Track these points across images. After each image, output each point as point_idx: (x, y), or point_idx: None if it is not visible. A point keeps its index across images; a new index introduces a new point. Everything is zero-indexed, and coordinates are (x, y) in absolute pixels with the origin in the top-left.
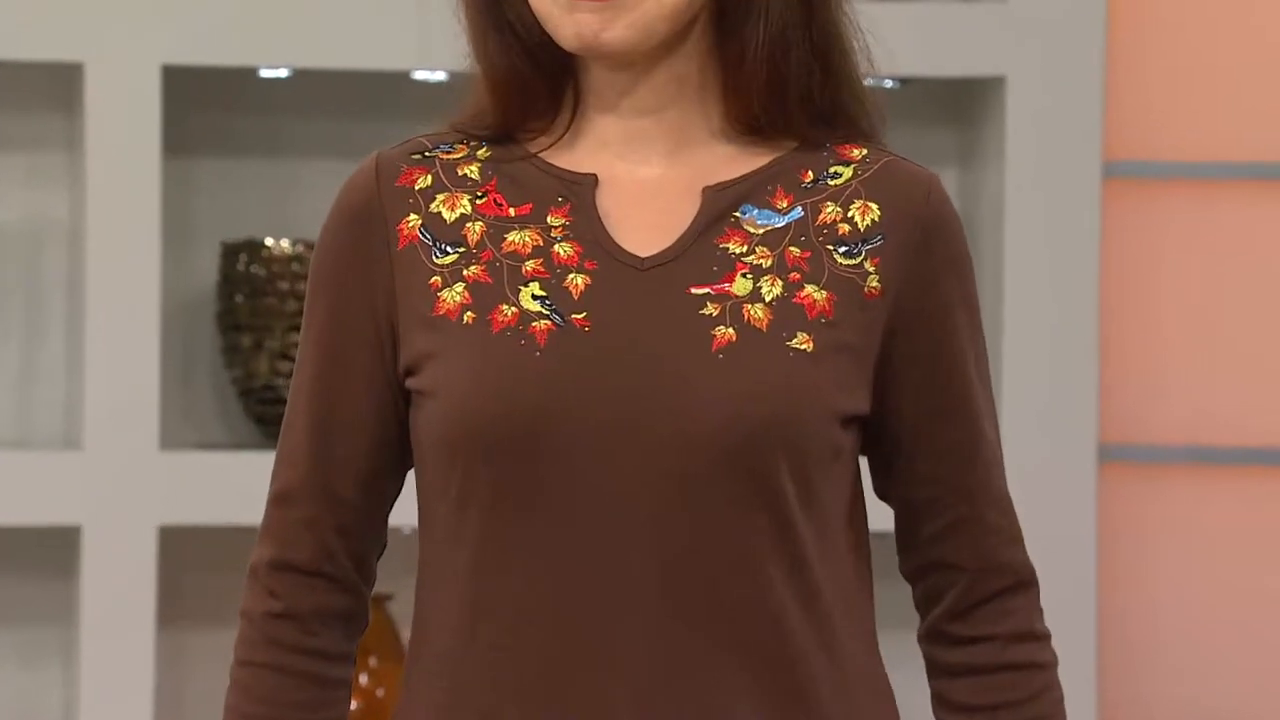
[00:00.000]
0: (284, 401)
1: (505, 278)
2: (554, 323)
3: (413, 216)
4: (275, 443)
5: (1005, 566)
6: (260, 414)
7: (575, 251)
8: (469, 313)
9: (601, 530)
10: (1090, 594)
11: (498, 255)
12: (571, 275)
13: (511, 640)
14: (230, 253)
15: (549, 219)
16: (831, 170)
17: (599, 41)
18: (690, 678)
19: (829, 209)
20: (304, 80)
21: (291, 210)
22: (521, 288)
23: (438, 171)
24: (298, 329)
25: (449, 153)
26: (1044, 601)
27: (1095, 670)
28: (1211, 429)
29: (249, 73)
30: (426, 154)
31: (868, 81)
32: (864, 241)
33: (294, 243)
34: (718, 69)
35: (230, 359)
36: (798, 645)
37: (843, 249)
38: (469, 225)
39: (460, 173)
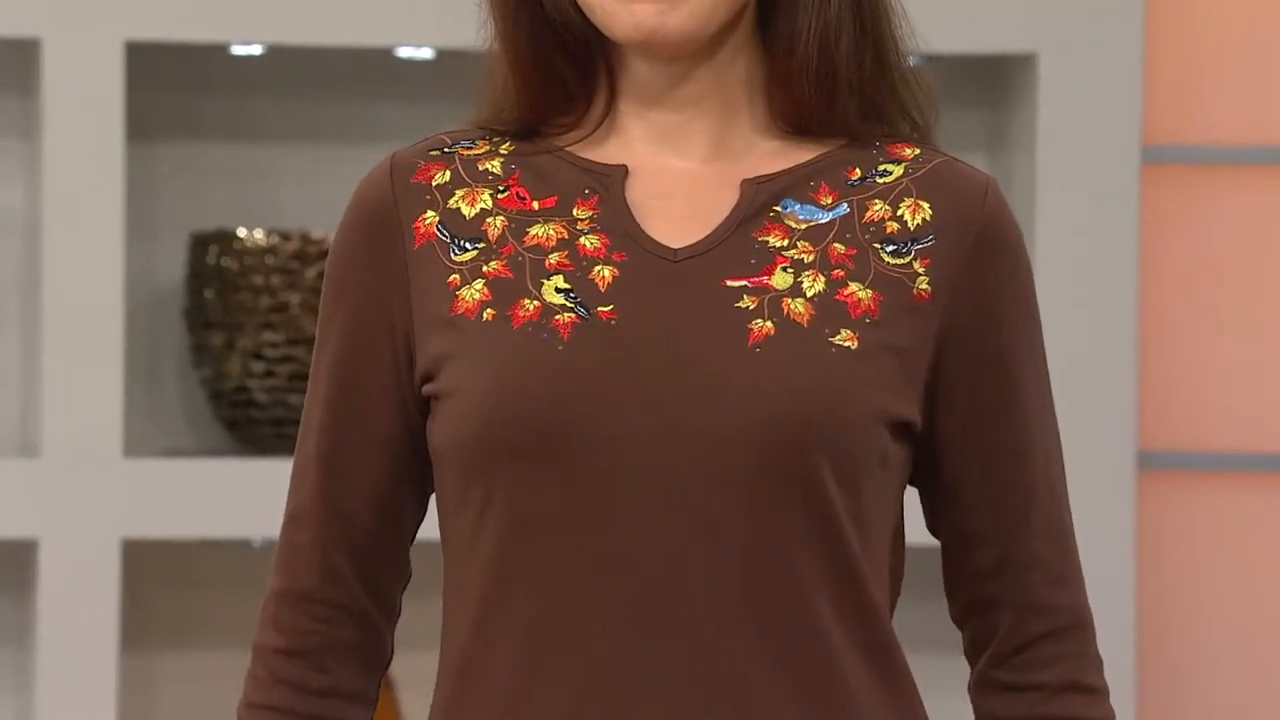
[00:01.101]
0: (257, 404)
1: (527, 272)
2: (578, 315)
3: (429, 213)
4: (248, 449)
5: (1049, 608)
6: (232, 418)
7: (603, 243)
8: (488, 310)
9: (630, 536)
10: (1129, 609)
11: (519, 249)
12: (598, 267)
13: (535, 657)
14: (199, 244)
15: (575, 211)
16: (881, 168)
17: (659, 33)
18: (729, 693)
19: (876, 206)
20: (279, 58)
21: (265, 198)
22: (544, 281)
23: (457, 167)
24: (272, 326)
25: (470, 149)
26: None
27: (1135, 687)
28: (1259, 435)
29: (219, 50)
30: (446, 150)
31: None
32: (914, 241)
33: (268, 233)
34: (764, 60)
35: (199, 359)
36: (842, 660)
37: (890, 248)
38: (489, 220)
39: (481, 168)
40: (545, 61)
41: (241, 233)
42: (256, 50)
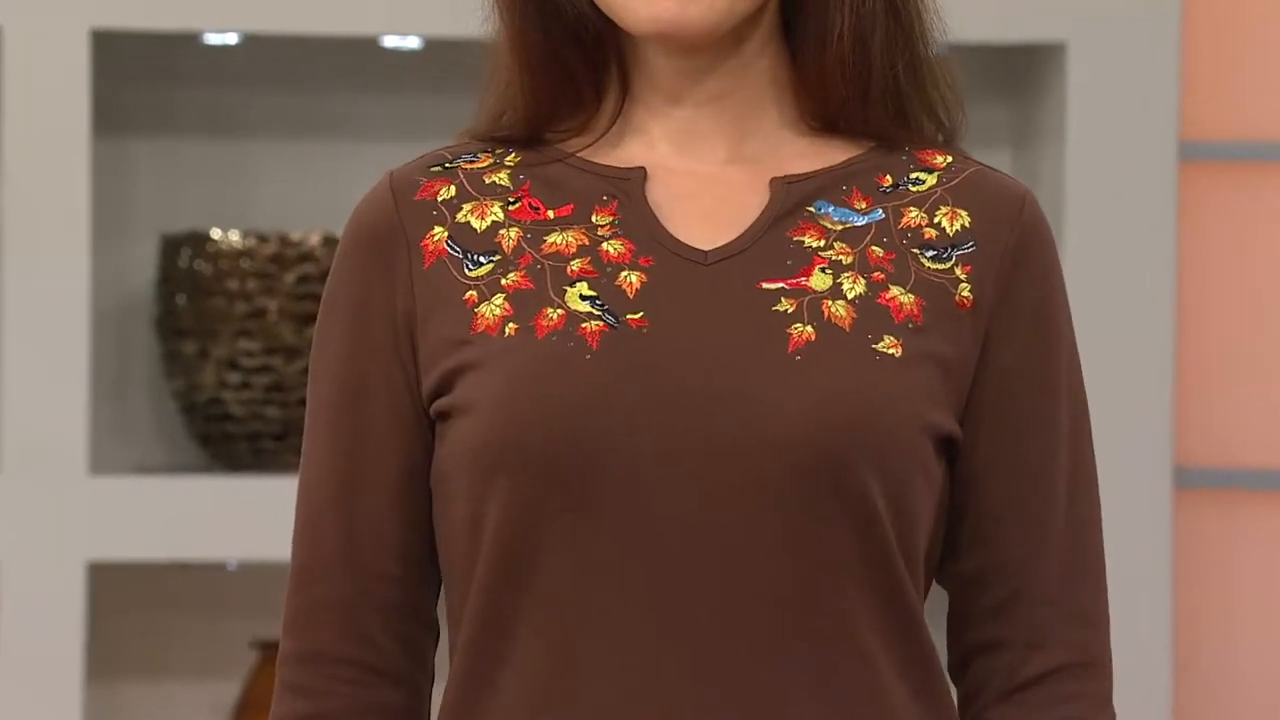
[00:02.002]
0: (233, 418)
1: (548, 280)
2: (606, 323)
3: (437, 229)
4: (222, 465)
5: (1059, 642)
6: (205, 433)
7: (627, 248)
8: (510, 324)
9: (665, 557)
10: (1166, 633)
11: (538, 258)
12: (624, 273)
13: (553, 689)
14: (170, 246)
15: (594, 218)
16: (913, 176)
17: (679, 25)
18: None
19: (912, 213)
20: (256, 47)
21: (242, 197)
22: (567, 288)
23: (461, 181)
24: (248, 334)
25: (472, 162)
26: (1116, 642)
27: (1171, 714)
28: None
29: (192, 38)
30: (447, 165)
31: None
32: (954, 247)
33: (245, 235)
34: (791, 55)
35: (171, 369)
36: (885, 682)
37: (930, 253)
38: (502, 232)
39: (488, 180)
40: (556, 57)
41: (216, 234)
42: (232, 39)
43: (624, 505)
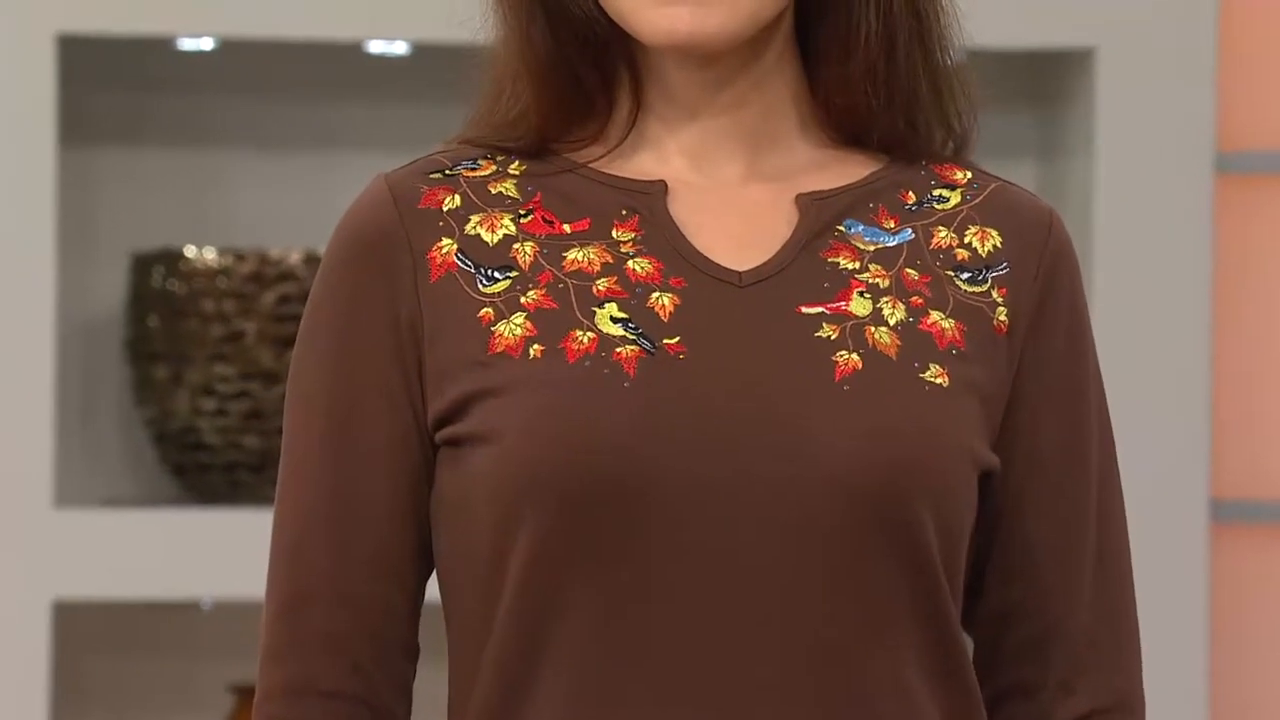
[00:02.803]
0: (208, 447)
1: (574, 299)
2: (642, 348)
3: (445, 241)
4: (197, 498)
5: (1092, 687)
6: (179, 463)
7: (655, 267)
8: (535, 345)
9: (705, 602)
10: (1202, 673)
11: (559, 275)
12: (656, 294)
13: None
14: (142, 265)
15: (614, 234)
16: (935, 193)
17: (696, 37)
18: None
19: (941, 233)
20: (233, 53)
21: (218, 212)
22: (596, 309)
23: (466, 191)
24: (224, 358)
25: (474, 170)
26: (1150, 682)
27: None
28: None
29: (165, 43)
30: (448, 172)
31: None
32: (988, 268)
33: (221, 252)
34: (809, 61)
35: (142, 396)
36: None
37: (965, 275)
38: (517, 247)
39: (494, 191)
40: (565, 64)
41: (190, 252)
42: (207, 44)
43: (662, 547)
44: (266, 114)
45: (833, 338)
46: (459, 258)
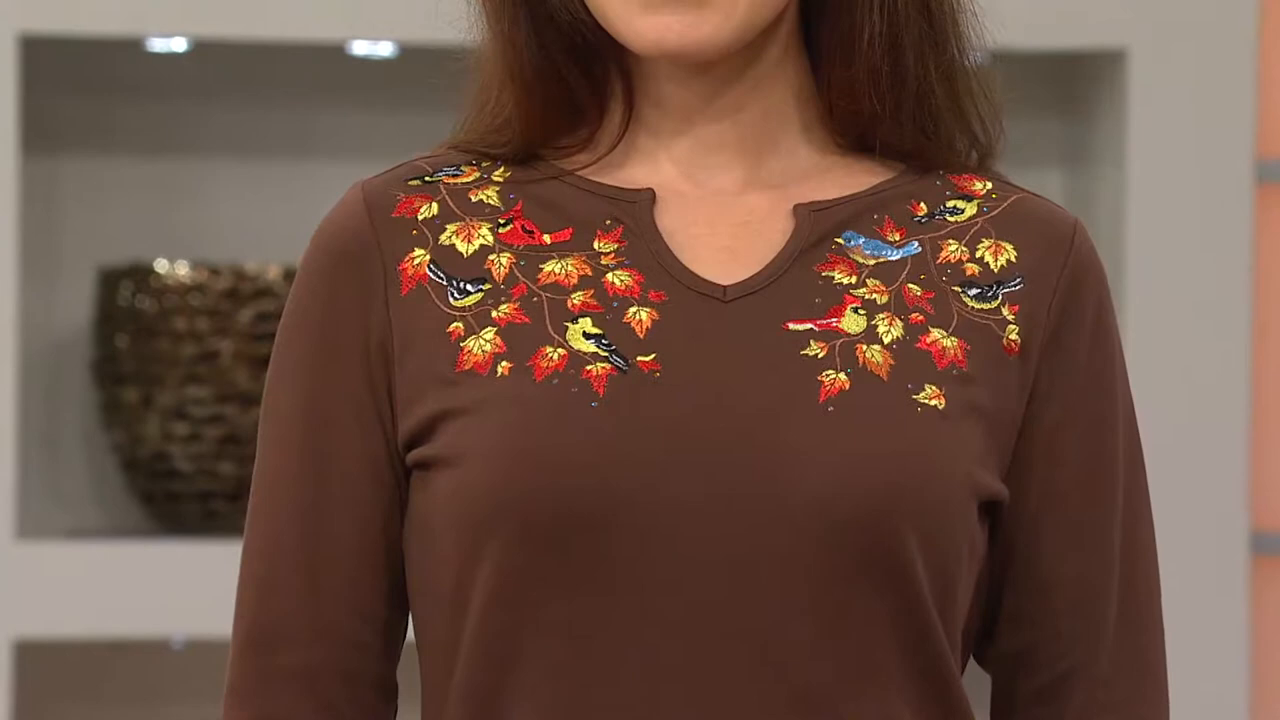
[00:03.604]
0: (180, 475)
1: (547, 314)
2: (614, 366)
3: (418, 251)
4: (168, 529)
5: None
6: (149, 492)
7: (635, 280)
8: (503, 363)
9: (679, 636)
10: (1243, 712)
11: (534, 288)
12: (633, 309)
13: None
14: (109, 280)
15: (596, 245)
16: (950, 205)
17: (685, 46)
18: None
19: (951, 247)
20: (207, 55)
21: (191, 224)
22: (569, 325)
23: (444, 199)
24: (197, 380)
25: (456, 176)
26: (1188, 716)
27: None
28: None
29: (134, 45)
30: (427, 179)
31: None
32: (1000, 284)
33: (194, 267)
34: (814, 63)
35: (110, 420)
36: None
37: (974, 291)
38: (492, 258)
39: (474, 198)
40: (551, 69)
41: (161, 266)
42: (180, 45)
43: (632, 577)
44: (243, 119)
45: (820, 356)
46: (431, 269)
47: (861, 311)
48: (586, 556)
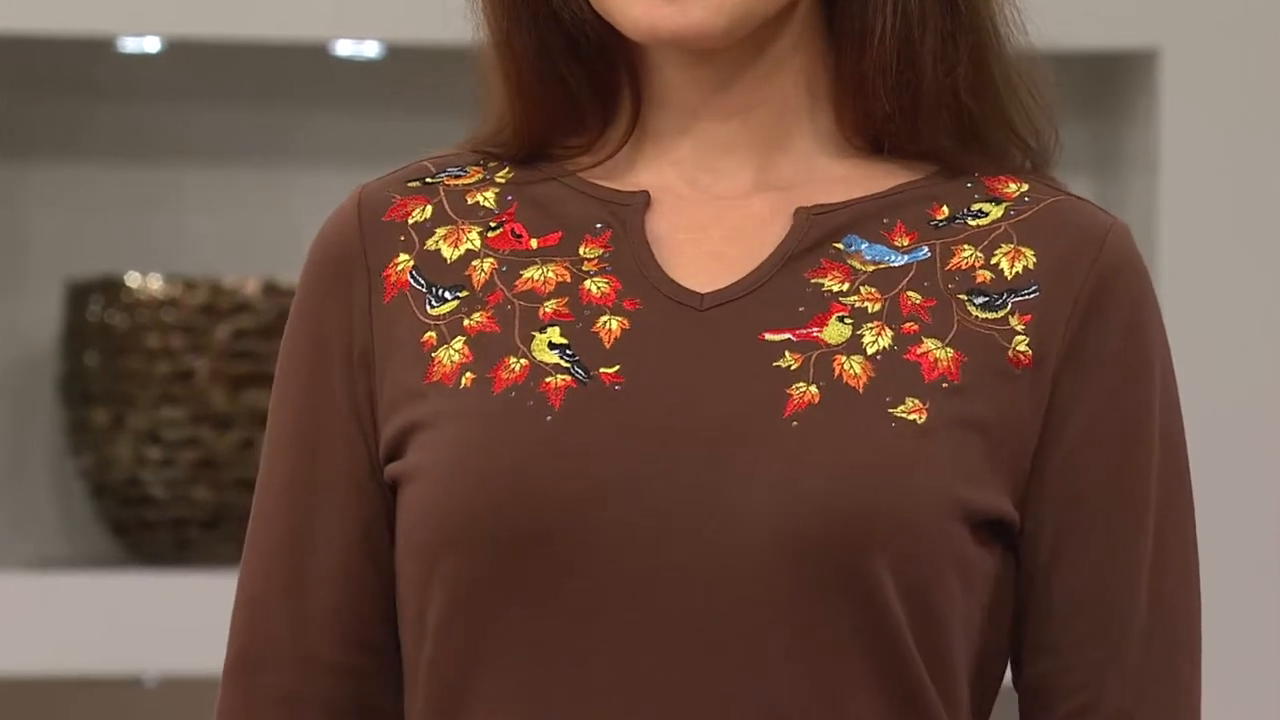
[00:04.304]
0: (154, 502)
1: (516, 323)
2: (574, 378)
3: (402, 257)
4: (140, 558)
5: None
6: (120, 520)
7: (611, 288)
8: (468, 374)
9: (632, 665)
10: None
11: (509, 297)
12: (604, 318)
13: None
14: (78, 294)
15: (582, 250)
16: (975, 208)
17: (679, 32)
18: None
19: (965, 253)
20: (182, 55)
21: (164, 235)
22: (535, 334)
23: (441, 201)
24: (172, 400)
25: (459, 177)
26: None
27: None
28: None
29: (105, 45)
30: (428, 180)
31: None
32: (1011, 292)
33: (167, 279)
34: (829, 58)
35: (78, 442)
36: None
37: (980, 300)
38: (475, 264)
39: (470, 201)
40: (551, 68)
41: (133, 280)
42: (153, 45)
43: (583, 602)
44: (220, 124)
45: (793, 368)
46: (413, 276)
47: (848, 320)
48: (536, 576)
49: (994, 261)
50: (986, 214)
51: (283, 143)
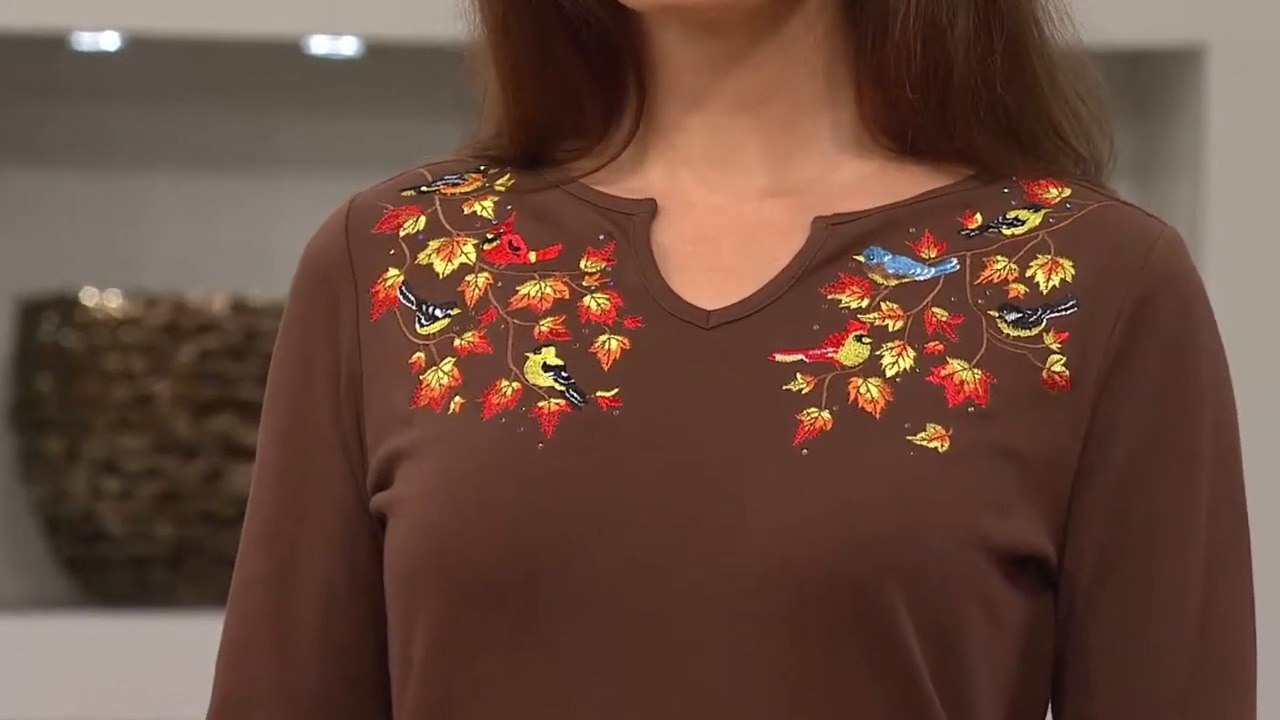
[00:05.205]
0: (110, 539)
1: (510, 344)
2: (569, 402)
3: (392, 272)
4: (97, 599)
5: None
6: (75, 556)
7: (612, 305)
8: (457, 398)
9: (632, 703)
10: None
11: (503, 315)
12: (604, 337)
13: None
14: (30, 313)
15: (583, 264)
16: (1011, 215)
17: (684, 2)
18: None
19: (998, 264)
20: (143, 53)
21: (123, 248)
22: (529, 355)
23: (436, 211)
24: (132, 427)
25: (457, 185)
26: None
27: None
28: None
29: (60, 42)
30: (424, 189)
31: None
32: (1046, 307)
33: (127, 296)
34: (849, 44)
35: (30, 473)
36: None
37: (1013, 316)
38: (469, 279)
39: (467, 210)
40: (550, 57)
41: (89, 297)
42: (112, 42)
43: (573, 646)
44: (184, 127)
45: (804, 391)
46: (403, 292)
47: (866, 340)
48: (522, 618)
49: (1029, 274)
50: (1023, 222)
51: (253, 148)
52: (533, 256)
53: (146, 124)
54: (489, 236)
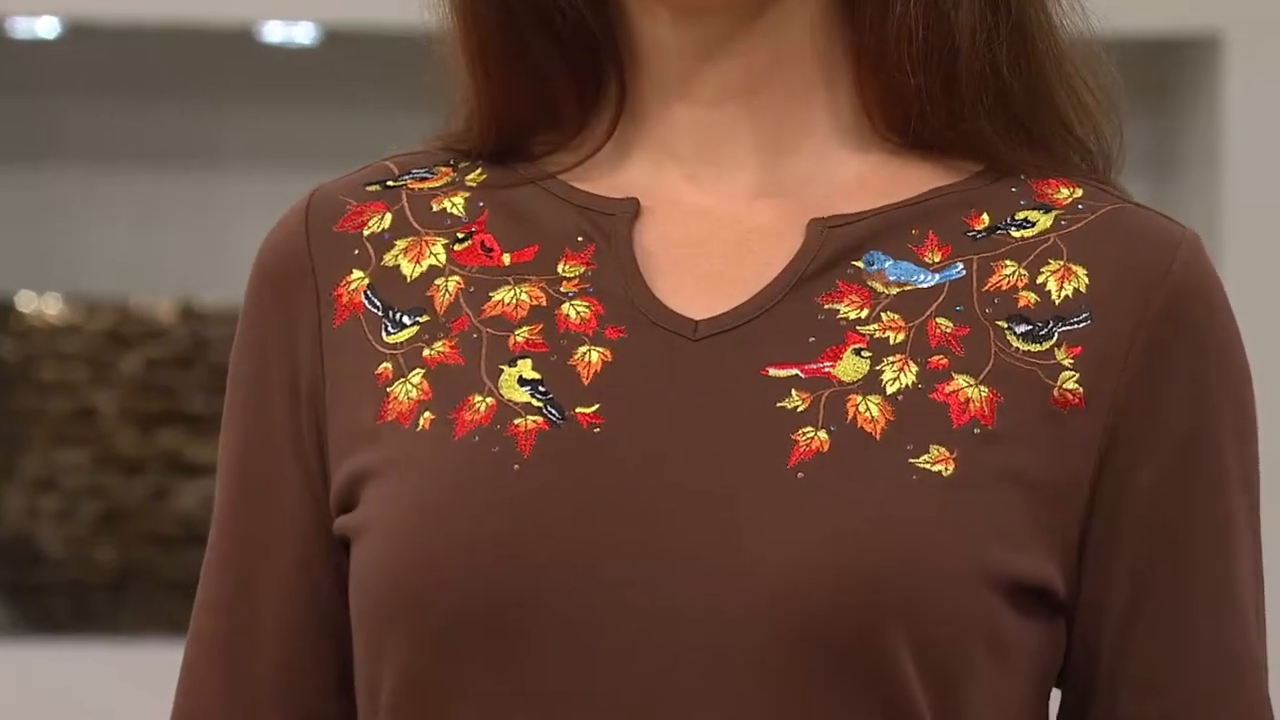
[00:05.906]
0: (49, 562)
1: (483, 355)
2: (547, 419)
3: (355, 274)
4: (33, 626)
5: None
6: (10, 581)
7: (592, 313)
8: (426, 413)
9: None
10: None
11: (475, 323)
12: (583, 349)
13: None
14: None
15: (560, 267)
16: (1020, 216)
17: None
18: None
19: (1007, 270)
20: (85, 41)
21: (63, 250)
22: (505, 368)
23: (403, 207)
24: (72, 442)
25: (425, 179)
26: None
27: None
28: None
29: None
30: (390, 184)
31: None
32: (1059, 320)
33: (67, 302)
34: (847, 30)
35: None
36: None
37: (1023, 328)
38: (438, 283)
39: (437, 207)
40: (522, 47)
41: (26, 302)
42: (50, 29)
43: (558, 692)
44: (129, 121)
45: (800, 409)
46: (368, 296)
47: (865, 353)
48: (500, 660)
49: (1040, 281)
50: (1033, 224)
51: (202, 142)
52: (506, 259)
53: (88, 117)
54: (459, 236)
